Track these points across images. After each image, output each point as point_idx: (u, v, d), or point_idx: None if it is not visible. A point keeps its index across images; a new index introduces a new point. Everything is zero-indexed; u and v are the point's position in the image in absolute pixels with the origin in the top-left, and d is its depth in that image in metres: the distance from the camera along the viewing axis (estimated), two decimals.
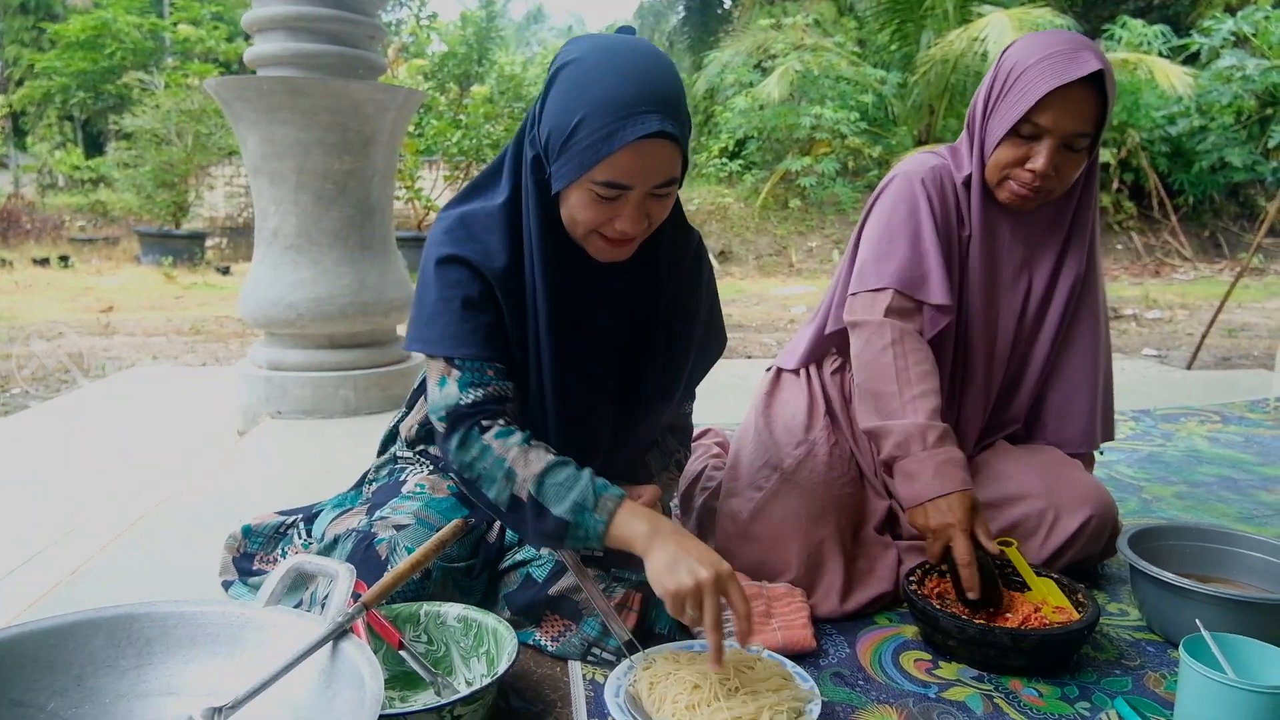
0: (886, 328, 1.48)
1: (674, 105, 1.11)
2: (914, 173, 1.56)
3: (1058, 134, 1.42)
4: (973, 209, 1.55)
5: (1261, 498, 2.19)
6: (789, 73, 10.32)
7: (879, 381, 1.46)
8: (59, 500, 2.15)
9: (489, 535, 1.42)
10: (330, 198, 2.73)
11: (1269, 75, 9.35)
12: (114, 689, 0.96)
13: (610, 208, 1.15)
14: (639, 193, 1.14)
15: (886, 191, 1.59)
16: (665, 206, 1.19)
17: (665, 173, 1.13)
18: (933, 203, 1.53)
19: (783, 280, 9.69)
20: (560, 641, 1.32)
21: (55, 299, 7.58)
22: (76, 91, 15.17)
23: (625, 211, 1.15)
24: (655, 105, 1.08)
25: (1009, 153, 1.46)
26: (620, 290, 1.30)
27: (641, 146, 1.09)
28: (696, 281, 1.39)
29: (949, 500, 1.36)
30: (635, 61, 1.11)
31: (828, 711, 1.19)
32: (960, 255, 1.57)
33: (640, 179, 1.12)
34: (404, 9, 14.59)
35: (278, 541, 1.58)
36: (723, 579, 1.09)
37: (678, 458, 1.50)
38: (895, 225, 1.53)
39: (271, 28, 2.71)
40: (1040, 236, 1.60)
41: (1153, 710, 1.21)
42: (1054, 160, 1.43)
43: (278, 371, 2.80)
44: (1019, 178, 1.47)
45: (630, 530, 1.14)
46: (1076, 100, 1.40)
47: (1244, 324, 6.67)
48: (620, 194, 1.13)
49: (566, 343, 1.27)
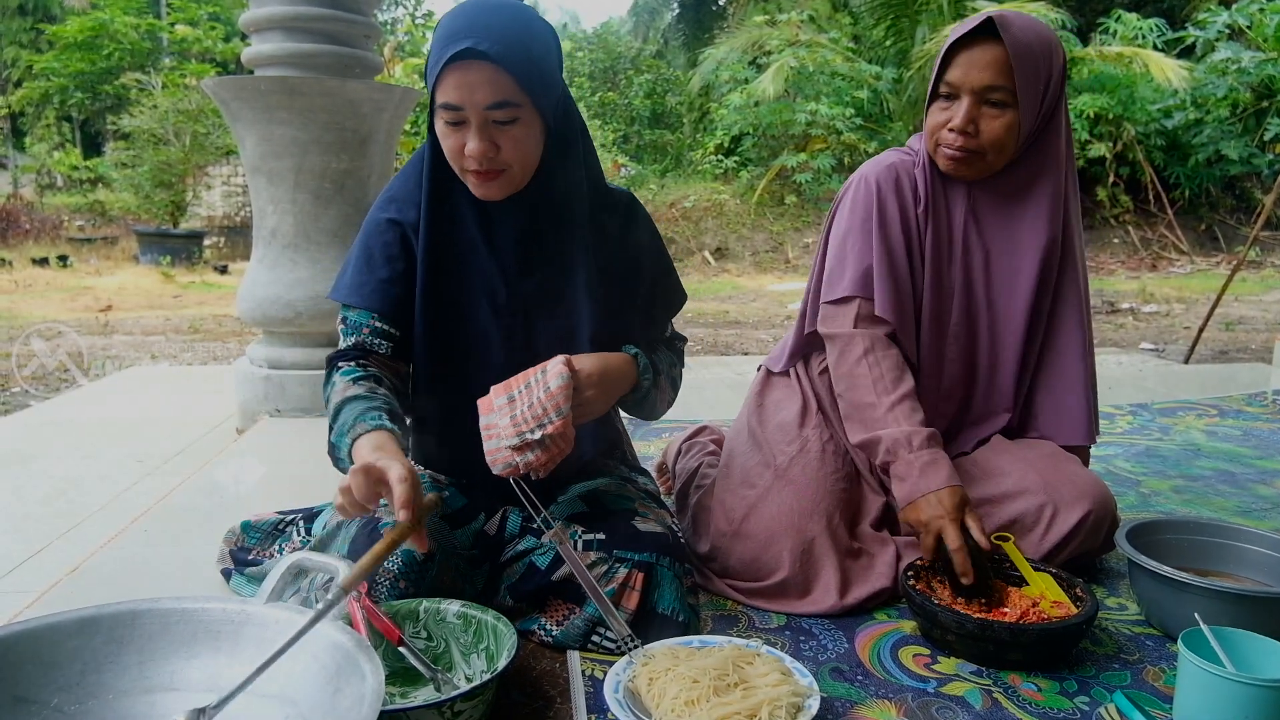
0: (858, 339, 1.55)
1: (493, 32, 1.20)
2: (870, 173, 1.61)
3: (967, 88, 1.48)
4: (926, 185, 1.59)
5: (1260, 491, 2.20)
6: (784, 69, 10.32)
7: (858, 393, 1.53)
8: (60, 498, 2.15)
9: (488, 527, 1.43)
10: (328, 197, 2.73)
11: (1264, 68, 9.37)
12: (117, 685, 0.96)
13: (458, 134, 1.25)
14: (476, 116, 1.22)
15: (846, 196, 1.64)
16: (516, 138, 1.25)
17: (489, 93, 1.20)
18: (885, 202, 1.58)
19: (779, 277, 9.70)
20: (564, 625, 1.33)
21: (54, 298, 7.58)
22: (74, 92, 15.15)
23: (469, 136, 1.23)
24: (472, 32, 1.19)
25: (935, 117, 1.54)
26: (504, 235, 1.36)
27: (459, 67, 1.20)
28: (628, 240, 1.44)
29: (938, 494, 1.41)
30: (470, 5, 1.24)
31: (826, 706, 1.19)
32: (919, 235, 1.60)
33: (466, 98, 1.21)
34: (399, 8, 14.60)
35: (275, 538, 1.59)
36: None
37: (674, 373, 1.52)
38: (855, 229, 1.59)
39: (268, 28, 2.71)
40: (994, 206, 1.60)
41: (1152, 704, 1.21)
42: (971, 114, 1.48)
43: (276, 370, 2.80)
44: (944, 140, 1.52)
45: (358, 454, 1.16)
46: (979, 52, 1.46)
47: (1241, 317, 6.68)
48: (458, 116, 1.23)
49: (442, 278, 1.36)
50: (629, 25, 20.71)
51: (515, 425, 1.23)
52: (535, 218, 1.36)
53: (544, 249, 1.37)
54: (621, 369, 1.37)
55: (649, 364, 1.41)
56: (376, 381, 1.32)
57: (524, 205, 1.35)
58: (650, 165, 13.18)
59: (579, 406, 1.27)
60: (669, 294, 1.52)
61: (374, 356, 1.37)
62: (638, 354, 1.40)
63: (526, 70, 1.21)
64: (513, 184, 1.30)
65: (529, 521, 1.40)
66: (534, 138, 1.28)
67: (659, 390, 1.46)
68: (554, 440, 1.23)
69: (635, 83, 14.21)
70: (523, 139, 1.26)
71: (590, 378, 1.29)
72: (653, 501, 1.51)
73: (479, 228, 1.36)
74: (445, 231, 1.36)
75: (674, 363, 1.53)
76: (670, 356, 1.52)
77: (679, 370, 1.55)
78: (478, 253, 1.37)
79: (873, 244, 1.56)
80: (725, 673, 1.13)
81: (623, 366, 1.37)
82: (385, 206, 1.39)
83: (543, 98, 1.25)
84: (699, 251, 10.48)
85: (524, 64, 1.21)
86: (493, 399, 1.27)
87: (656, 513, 1.44)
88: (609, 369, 1.33)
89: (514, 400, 1.25)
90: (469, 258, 1.37)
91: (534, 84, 1.23)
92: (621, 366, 1.37)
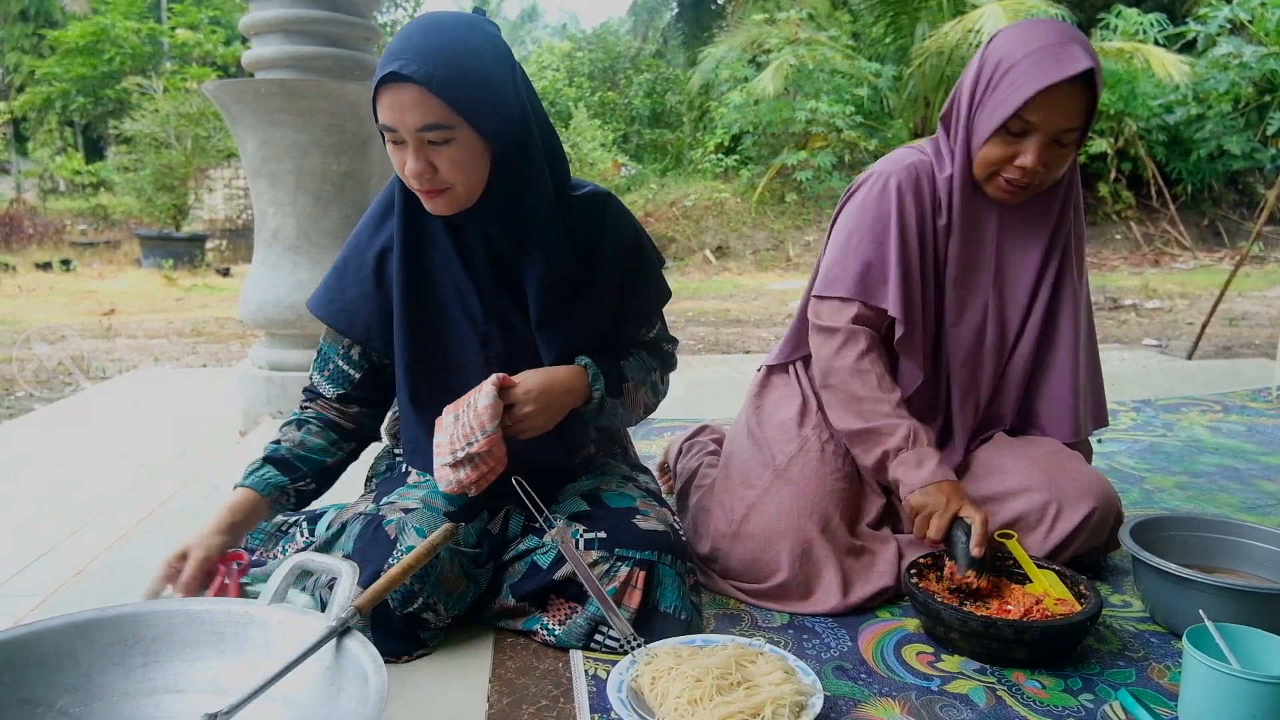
0: (861, 335, 1.54)
1: (425, 54, 1.19)
2: (888, 172, 1.57)
3: (1047, 130, 1.42)
4: (954, 203, 1.55)
5: (1264, 487, 2.19)
6: (783, 67, 10.30)
7: (858, 387, 1.52)
8: (65, 501, 2.15)
9: (492, 526, 1.43)
10: (329, 199, 2.74)
11: (1266, 62, 9.34)
12: (121, 687, 0.97)
13: (400, 153, 1.26)
14: (410, 137, 1.23)
15: (859, 192, 1.60)
16: (452, 159, 1.24)
17: (418, 116, 1.20)
18: (904, 204, 1.54)
19: (780, 275, 9.69)
20: (566, 624, 1.33)
21: (57, 302, 7.60)
22: (76, 97, 15.18)
23: (408, 156, 1.24)
24: (404, 54, 1.19)
25: (998, 149, 1.46)
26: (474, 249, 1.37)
27: (390, 89, 1.21)
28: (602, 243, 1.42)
29: (938, 484, 1.43)
30: (414, 24, 1.24)
31: (830, 705, 1.19)
32: (938, 248, 1.58)
33: (397, 120, 1.22)
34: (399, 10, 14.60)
35: (279, 539, 1.59)
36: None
37: (652, 378, 1.50)
38: (864, 229, 1.56)
39: (268, 31, 2.71)
40: (1028, 228, 1.60)
41: (1157, 701, 1.21)
42: (1043, 156, 1.44)
43: (278, 372, 2.81)
44: (1009, 174, 1.48)
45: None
46: (1066, 96, 1.39)
47: (1245, 313, 6.66)
48: (395, 136, 1.24)
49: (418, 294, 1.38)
50: (628, 25, 20.71)
51: (451, 444, 1.28)
52: (501, 231, 1.35)
53: (513, 261, 1.37)
54: (566, 382, 1.35)
55: (601, 373, 1.39)
56: (298, 426, 1.43)
57: (489, 219, 1.34)
58: (650, 164, 13.18)
59: (520, 422, 1.30)
60: (650, 293, 1.49)
61: (319, 400, 1.46)
62: (588, 364, 1.38)
63: (458, 93, 1.20)
64: (458, 201, 1.30)
65: (531, 521, 1.40)
66: (472, 158, 1.25)
67: (625, 399, 1.43)
68: (481, 458, 1.26)
69: (635, 82, 14.21)
70: (460, 159, 1.25)
71: (529, 393, 1.30)
72: (654, 500, 1.51)
73: (451, 243, 1.37)
74: (419, 249, 1.38)
75: (653, 368, 1.50)
76: (651, 361, 1.50)
77: (660, 375, 1.53)
78: (451, 267, 1.38)
79: (890, 246, 1.53)
80: (728, 671, 1.13)
81: (568, 380, 1.36)
82: (367, 223, 1.43)
83: (481, 117, 1.23)
84: (700, 250, 10.47)
85: (454, 86, 1.19)
86: (443, 418, 1.31)
87: (658, 511, 1.44)
88: (552, 384, 1.33)
89: (457, 419, 1.29)
90: (443, 273, 1.38)
91: (469, 105, 1.21)
92: (566, 380, 1.36)
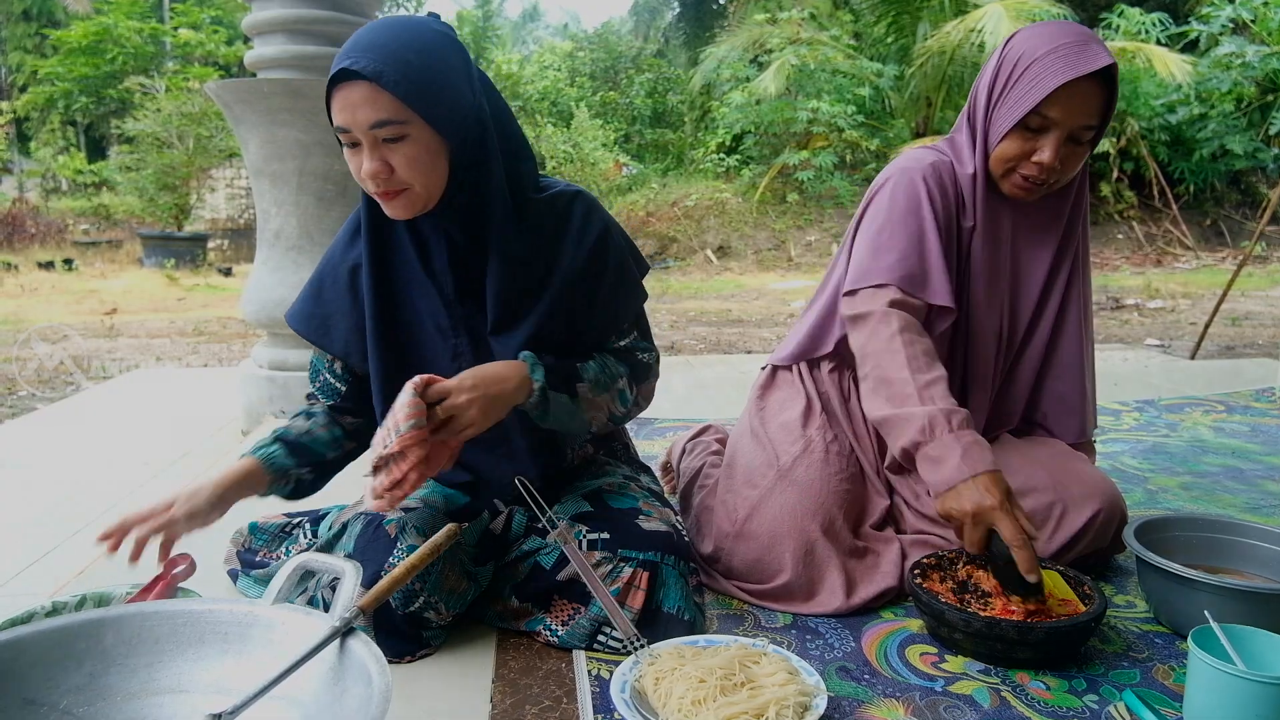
0: (893, 316, 1.45)
1: (374, 50, 1.18)
2: (913, 168, 1.54)
3: (1065, 127, 1.42)
4: (977, 201, 1.55)
5: (1268, 487, 2.19)
6: (785, 67, 10.30)
7: (889, 369, 1.41)
8: (66, 500, 2.15)
9: (493, 526, 1.43)
10: (331, 198, 2.74)
11: (1269, 62, 9.33)
12: (125, 687, 0.97)
13: (356, 156, 1.24)
14: (364, 136, 1.21)
15: (886, 187, 1.57)
16: (408, 156, 1.22)
17: (370, 112, 1.18)
18: (934, 198, 1.52)
19: (781, 275, 9.69)
20: (569, 625, 1.33)
21: (59, 302, 7.60)
22: (79, 97, 15.20)
23: (363, 156, 1.22)
24: (353, 51, 1.18)
25: (1015, 145, 1.46)
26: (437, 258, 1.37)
27: (342, 88, 1.19)
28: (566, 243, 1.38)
29: (982, 481, 1.28)
30: (365, 26, 1.24)
31: (834, 706, 1.19)
32: (962, 247, 1.57)
33: (350, 119, 1.20)
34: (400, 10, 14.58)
35: (282, 540, 1.59)
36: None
37: (619, 385, 1.42)
38: (895, 221, 1.51)
39: (271, 31, 2.71)
40: (1041, 226, 1.60)
41: (1161, 702, 1.21)
42: (1060, 153, 1.44)
43: (280, 371, 2.81)
44: (1025, 170, 1.47)
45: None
46: (1085, 93, 1.40)
47: (1248, 312, 6.65)
48: (350, 138, 1.22)
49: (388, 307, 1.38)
50: (629, 25, 20.73)
51: (373, 449, 1.22)
52: (464, 235, 1.33)
53: (476, 267, 1.35)
54: (501, 372, 1.28)
55: (543, 365, 1.31)
56: (307, 418, 1.47)
57: (451, 222, 1.32)
58: (652, 164, 13.18)
59: (455, 418, 1.22)
60: (618, 298, 1.43)
61: (319, 403, 1.49)
62: (527, 355, 1.32)
63: (409, 87, 1.18)
64: (416, 202, 1.27)
65: (534, 521, 1.40)
66: (429, 155, 1.23)
67: (581, 400, 1.35)
68: (396, 462, 1.19)
69: (636, 82, 14.21)
70: (416, 157, 1.22)
71: (461, 383, 1.23)
72: (657, 500, 1.50)
73: (416, 253, 1.37)
74: (387, 262, 1.38)
75: (619, 374, 1.41)
76: (617, 368, 1.42)
77: (628, 383, 1.43)
78: (417, 279, 1.37)
79: (926, 235, 1.49)
80: (732, 672, 1.13)
81: (503, 369, 1.28)
82: (341, 238, 1.44)
83: (435, 112, 1.20)
84: (701, 250, 10.47)
85: (405, 80, 1.17)
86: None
87: (661, 511, 1.44)
88: (485, 374, 1.26)
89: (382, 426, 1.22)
90: (410, 285, 1.38)
91: (421, 100, 1.19)
92: (502, 370, 1.28)
